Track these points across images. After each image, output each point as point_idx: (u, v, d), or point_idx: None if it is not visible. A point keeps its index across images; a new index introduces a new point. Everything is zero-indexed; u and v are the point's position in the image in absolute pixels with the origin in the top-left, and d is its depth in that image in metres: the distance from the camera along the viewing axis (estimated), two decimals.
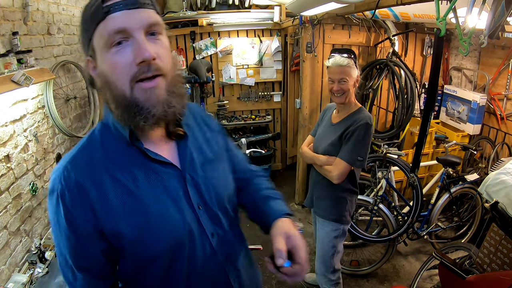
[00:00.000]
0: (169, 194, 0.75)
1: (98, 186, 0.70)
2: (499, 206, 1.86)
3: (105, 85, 0.69)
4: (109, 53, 0.66)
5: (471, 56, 3.60)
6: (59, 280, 1.57)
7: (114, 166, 0.72)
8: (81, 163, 0.72)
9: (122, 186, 0.71)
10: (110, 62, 0.66)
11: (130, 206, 0.71)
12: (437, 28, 1.48)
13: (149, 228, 0.72)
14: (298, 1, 2.35)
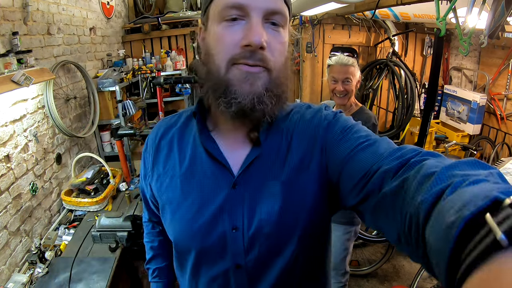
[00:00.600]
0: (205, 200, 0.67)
1: (168, 145, 0.74)
2: None
3: (205, 58, 0.63)
4: (219, 26, 0.59)
5: (471, 56, 3.60)
6: (59, 280, 1.57)
7: (181, 140, 0.73)
8: (167, 123, 0.77)
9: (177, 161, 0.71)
10: (217, 36, 0.59)
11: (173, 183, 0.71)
12: (437, 28, 1.48)
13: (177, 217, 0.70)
14: (298, 1, 2.35)
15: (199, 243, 0.67)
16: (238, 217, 0.65)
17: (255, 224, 0.64)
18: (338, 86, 1.71)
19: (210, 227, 0.66)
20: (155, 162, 0.74)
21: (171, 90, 3.97)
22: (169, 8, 4.32)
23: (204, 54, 0.64)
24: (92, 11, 2.91)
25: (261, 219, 0.64)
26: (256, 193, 0.65)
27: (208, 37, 0.62)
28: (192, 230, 0.67)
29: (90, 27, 2.86)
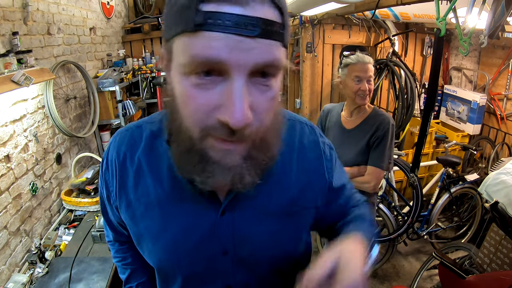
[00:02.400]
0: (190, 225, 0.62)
1: (135, 168, 0.64)
2: (499, 206, 1.86)
3: (171, 107, 0.51)
4: (187, 80, 0.45)
5: (471, 56, 3.60)
6: (59, 280, 1.57)
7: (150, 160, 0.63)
8: (122, 139, 0.67)
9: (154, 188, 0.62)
10: (185, 92, 0.45)
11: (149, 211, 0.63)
12: (437, 28, 1.48)
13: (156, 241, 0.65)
14: (298, 1, 2.35)
15: (187, 268, 0.65)
16: (228, 241, 0.62)
17: (246, 251, 0.63)
18: (363, 85, 1.60)
19: (198, 252, 0.63)
20: (121, 186, 0.65)
21: None
22: None
23: (171, 103, 0.50)
24: (92, 11, 2.91)
25: (252, 247, 0.63)
26: (246, 221, 0.62)
27: (175, 84, 0.48)
28: (178, 257, 0.64)
29: (90, 27, 2.86)
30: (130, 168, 0.64)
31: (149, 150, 0.63)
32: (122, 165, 0.65)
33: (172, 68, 0.48)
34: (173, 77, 0.48)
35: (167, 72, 0.50)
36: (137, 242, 0.68)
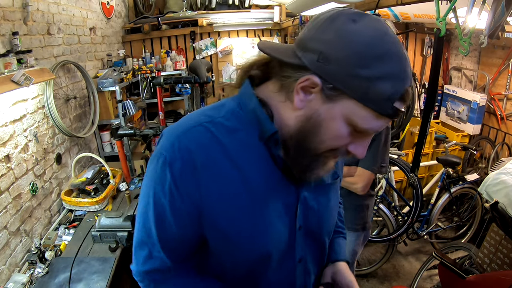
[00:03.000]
0: (279, 207, 0.68)
1: (214, 166, 0.62)
2: (499, 206, 1.86)
3: (307, 123, 0.60)
4: (344, 126, 0.58)
5: (471, 56, 3.60)
6: (59, 280, 1.57)
7: (237, 154, 0.63)
8: (199, 137, 0.63)
9: (239, 178, 0.63)
10: (336, 132, 0.59)
11: (239, 202, 0.64)
12: (437, 28, 1.48)
13: (248, 235, 0.66)
14: (298, 1, 2.35)
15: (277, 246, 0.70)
16: (301, 217, 0.72)
17: (313, 222, 0.74)
18: None
19: (286, 232, 0.70)
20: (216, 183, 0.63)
21: (171, 90, 3.97)
22: (169, 8, 4.32)
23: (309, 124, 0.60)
24: (92, 11, 2.91)
25: (318, 217, 0.75)
26: (313, 196, 0.73)
27: (325, 117, 0.58)
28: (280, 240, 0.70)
29: (90, 27, 2.86)
30: (222, 164, 0.63)
31: (239, 145, 0.64)
32: (209, 163, 0.62)
33: (331, 111, 0.58)
34: (328, 113, 0.58)
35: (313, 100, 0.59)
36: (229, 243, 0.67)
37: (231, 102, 0.68)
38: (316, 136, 0.60)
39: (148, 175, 0.66)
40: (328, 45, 0.54)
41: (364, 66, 0.53)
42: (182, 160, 0.61)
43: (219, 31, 3.98)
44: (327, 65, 0.54)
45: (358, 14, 0.55)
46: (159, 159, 0.63)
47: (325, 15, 0.57)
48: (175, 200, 0.62)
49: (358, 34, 0.53)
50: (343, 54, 0.53)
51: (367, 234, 1.91)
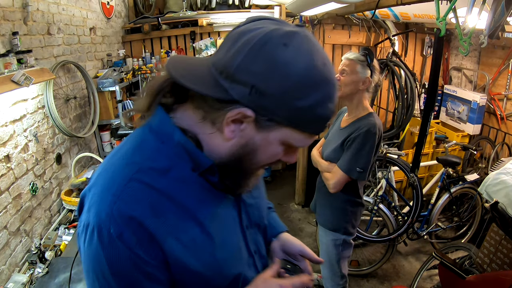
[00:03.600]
0: (230, 222, 0.70)
1: (164, 220, 0.58)
2: (499, 206, 1.86)
3: (242, 149, 0.59)
4: (277, 146, 0.59)
5: (471, 56, 3.60)
6: (59, 280, 1.57)
7: (178, 195, 0.60)
8: (136, 196, 0.57)
9: (193, 218, 0.61)
10: (270, 151, 0.60)
11: (202, 239, 0.62)
12: (437, 28, 1.48)
13: (218, 259, 0.65)
14: (298, 1, 2.35)
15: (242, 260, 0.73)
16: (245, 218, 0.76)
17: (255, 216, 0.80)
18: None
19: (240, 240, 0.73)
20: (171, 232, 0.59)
21: None
22: (169, 8, 4.32)
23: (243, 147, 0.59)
24: (92, 11, 2.91)
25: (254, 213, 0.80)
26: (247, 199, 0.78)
27: (261, 143, 0.59)
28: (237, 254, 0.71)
29: (90, 27, 2.86)
30: (169, 213, 0.59)
31: (176, 185, 0.61)
32: (158, 220, 0.57)
33: (267, 138, 0.58)
34: (264, 141, 0.59)
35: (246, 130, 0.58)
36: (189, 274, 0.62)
37: (149, 137, 0.62)
38: (252, 160, 0.61)
39: (89, 258, 0.57)
40: (260, 78, 0.51)
41: (302, 97, 0.52)
42: (131, 229, 0.55)
43: (219, 31, 3.98)
44: (261, 99, 0.52)
45: (287, 35, 0.52)
46: (103, 240, 0.55)
47: (252, 36, 0.52)
48: (140, 266, 0.56)
49: (291, 65, 0.51)
50: (279, 90, 0.52)
51: (346, 240, 1.88)
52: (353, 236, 1.90)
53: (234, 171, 0.63)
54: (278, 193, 4.10)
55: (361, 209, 1.88)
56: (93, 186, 0.61)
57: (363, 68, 1.67)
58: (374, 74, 1.68)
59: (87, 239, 0.57)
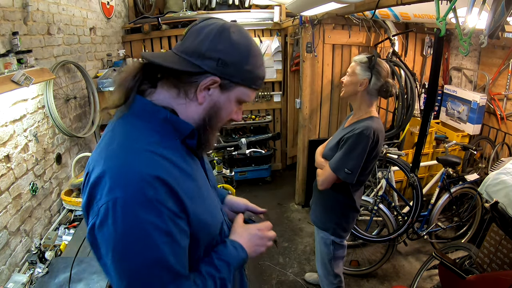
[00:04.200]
0: (204, 180, 0.86)
1: (175, 178, 0.70)
2: (499, 206, 1.86)
3: (209, 112, 0.79)
4: (234, 103, 0.81)
5: (471, 56, 3.60)
6: (59, 280, 1.57)
7: (176, 160, 0.74)
8: (152, 162, 0.69)
9: (189, 176, 0.76)
10: (232, 110, 0.82)
11: (198, 192, 0.78)
12: (437, 28, 1.48)
13: (212, 210, 0.84)
14: (298, 1, 2.35)
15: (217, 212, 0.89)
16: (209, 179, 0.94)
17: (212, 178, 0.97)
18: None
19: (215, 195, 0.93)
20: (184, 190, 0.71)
21: None
22: (169, 8, 4.32)
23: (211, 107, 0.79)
24: (92, 11, 2.91)
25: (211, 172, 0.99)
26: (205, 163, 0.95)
27: (222, 100, 0.79)
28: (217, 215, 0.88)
29: (90, 27, 2.86)
30: (176, 174, 0.72)
31: (172, 153, 0.74)
32: (171, 178, 0.69)
33: (228, 97, 0.79)
34: (224, 97, 0.79)
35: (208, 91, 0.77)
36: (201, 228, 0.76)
37: (136, 121, 0.75)
38: (218, 118, 0.81)
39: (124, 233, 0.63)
40: (223, 53, 0.74)
41: (247, 63, 0.76)
42: (160, 188, 0.66)
43: None
44: (224, 68, 0.74)
45: (233, 25, 0.77)
46: (138, 203, 0.64)
47: (211, 28, 0.75)
48: (176, 219, 0.68)
49: (240, 43, 0.75)
50: (235, 59, 0.75)
51: (336, 241, 1.88)
52: (343, 239, 1.91)
53: (205, 131, 0.80)
54: (278, 193, 4.10)
55: (354, 213, 1.88)
56: (105, 172, 0.67)
57: (363, 70, 1.68)
58: (376, 77, 1.67)
59: (118, 217, 0.63)
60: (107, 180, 0.65)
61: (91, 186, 0.67)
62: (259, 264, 2.87)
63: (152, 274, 0.65)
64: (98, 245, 0.67)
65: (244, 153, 2.18)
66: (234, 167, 2.36)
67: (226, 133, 4.22)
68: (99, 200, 0.65)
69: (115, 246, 0.64)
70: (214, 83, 0.75)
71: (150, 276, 0.65)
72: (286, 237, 3.23)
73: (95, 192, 0.67)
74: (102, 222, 0.64)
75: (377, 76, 1.67)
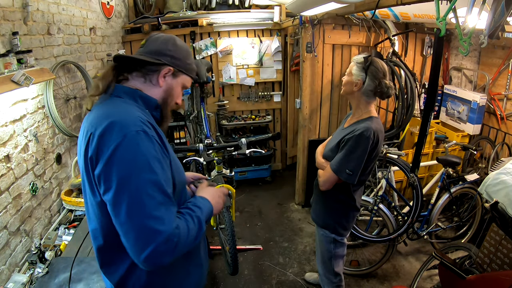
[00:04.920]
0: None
1: (158, 132, 0.98)
2: (499, 206, 1.86)
3: (166, 93, 1.09)
4: (180, 87, 1.13)
5: (471, 56, 3.60)
6: (59, 280, 1.57)
7: (151, 121, 0.99)
8: (141, 115, 0.95)
9: (162, 137, 0.99)
10: (180, 94, 1.15)
11: (170, 149, 1.04)
12: (437, 28, 1.48)
13: (179, 165, 1.09)
14: (298, 1, 2.35)
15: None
16: None
17: None
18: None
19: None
20: (164, 142, 0.99)
21: None
22: (169, 8, 4.32)
23: (167, 91, 1.09)
24: (92, 11, 2.91)
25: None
26: None
27: (174, 85, 1.11)
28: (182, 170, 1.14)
29: (90, 27, 2.86)
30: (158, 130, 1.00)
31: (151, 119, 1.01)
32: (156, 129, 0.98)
33: (174, 79, 1.11)
34: (174, 83, 1.11)
35: (164, 78, 1.08)
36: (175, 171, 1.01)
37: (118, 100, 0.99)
38: (172, 97, 1.11)
39: (144, 147, 0.87)
40: (174, 52, 1.08)
41: (188, 59, 1.13)
42: (152, 129, 0.93)
43: (219, 31, 3.98)
44: (175, 61, 1.08)
45: (175, 37, 1.12)
46: (140, 136, 0.87)
47: (163, 37, 1.09)
48: (164, 153, 0.94)
49: (182, 46, 1.12)
50: (181, 56, 1.10)
51: (336, 239, 1.90)
52: (343, 237, 1.92)
53: (165, 106, 1.10)
54: (278, 193, 4.10)
55: (354, 212, 1.88)
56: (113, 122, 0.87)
57: (358, 70, 1.67)
58: (370, 78, 1.66)
59: (126, 146, 0.84)
60: (116, 126, 0.86)
61: (99, 135, 0.86)
62: (259, 264, 2.87)
63: (148, 194, 0.83)
64: (108, 179, 0.84)
65: (244, 153, 2.18)
66: (234, 167, 2.36)
67: (226, 133, 4.22)
68: (110, 140, 0.84)
69: (121, 172, 0.83)
70: (169, 71, 1.06)
71: (149, 196, 0.83)
72: (286, 237, 3.23)
73: (105, 138, 0.85)
74: (112, 156, 0.83)
75: (371, 76, 1.66)
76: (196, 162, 2.14)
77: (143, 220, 0.81)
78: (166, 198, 0.87)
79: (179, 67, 1.08)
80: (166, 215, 0.84)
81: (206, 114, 3.23)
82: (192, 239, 0.92)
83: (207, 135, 3.16)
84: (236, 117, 4.21)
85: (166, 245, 0.82)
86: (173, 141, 4.00)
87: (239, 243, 3.00)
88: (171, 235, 0.83)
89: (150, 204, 0.82)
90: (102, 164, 0.84)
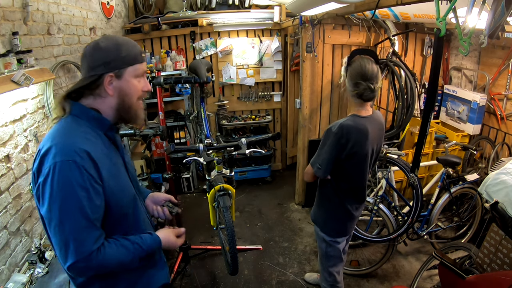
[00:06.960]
0: (120, 164, 1.14)
1: (99, 157, 1.00)
2: (499, 206, 1.86)
3: (120, 98, 1.08)
4: (133, 80, 1.08)
5: (471, 56, 3.60)
6: (59, 280, 1.57)
7: (98, 145, 1.04)
8: (83, 142, 0.98)
9: (107, 156, 1.05)
10: (132, 85, 1.09)
11: (114, 170, 1.06)
12: (437, 28, 1.48)
13: (124, 187, 1.10)
14: (298, 1, 2.35)
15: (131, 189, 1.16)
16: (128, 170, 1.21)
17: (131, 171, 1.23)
18: None
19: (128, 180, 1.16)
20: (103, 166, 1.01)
21: (171, 90, 3.97)
22: (169, 8, 4.32)
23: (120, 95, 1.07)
24: (92, 11, 2.91)
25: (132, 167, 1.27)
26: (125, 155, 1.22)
27: (125, 85, 1.07)
28: (130, 186, 1.16)
29: (90, 27, 2.86)
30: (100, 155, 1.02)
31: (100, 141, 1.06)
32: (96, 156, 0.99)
33: (125, 80, 1.07)
34: (125, 84, 1.08)
35: (111, 85, 1.06)
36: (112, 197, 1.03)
37: (74, 119, 1.04)
38: (129, 96, 1.09)
39: (72, 177, 0.92)
40: (102, 57, 1.02)
41: (122, 52, 1.04)
42: (86, 158, 0.96)
43: (219, 31, 3.98)
44: (110, 64, 1.03)
45: (100, 38, 1.07)
46: (69, 165, 0.93)
47: (87, 48, 1.05)
48: (93, 185, 0.96)
49: (108, 45, 1.03)
50: (112, 55, 1.03)
51: (325, 239, 1.91)
52: (333, 238, 1.92)
53: (126, 109, 1.10)
54: (278, 193, 4.10)
55: (345, 217, 1.88)
56: (52, 146, 0.95)
57: (344, 70, 1.71)
58: (348, 79, 1.68)
59: (56, 173, 0.92)
60: (53, 151, 0.94)
61: (42, 155, 0.95)
62: (259, 264, 2.87)
63: (73, 218, 0.93)
64: (42, 197, 0.94)
65: (244, 153, 2.17)
66: (234, 167, 2.36)
67: (226, 133, 4.22)
68: (46, 163, 0.94)
69: (51, 195, 0.92)
70: (111, 78, 1.04)
71: (71, 220, 0.93)
72: (286, 237, 3.23)
73: (44, 159, 0.94)
74: (46, 179, 0.93)
75: (348, 78, 1.68)
76: (196, 162, 2.13)
77: (66, 239, 0.93)
78: (88, 223, 0.95)
79: (116, 67, 1.04)
80: (87, 238, 0.95)
81: (206, 114, 3.22)
82: (119, 263, 1.03)
83: (207, 135, 3.16)
84: (236, 117, 4.21)
85: (85, 263, 0.95)
86: (173, 141, 4.00)
87: (239, 243, 3.00)
88: (90, 256, 0.95)
89: (73, 228, 0.93)
90: (40, 181, 0.94)
